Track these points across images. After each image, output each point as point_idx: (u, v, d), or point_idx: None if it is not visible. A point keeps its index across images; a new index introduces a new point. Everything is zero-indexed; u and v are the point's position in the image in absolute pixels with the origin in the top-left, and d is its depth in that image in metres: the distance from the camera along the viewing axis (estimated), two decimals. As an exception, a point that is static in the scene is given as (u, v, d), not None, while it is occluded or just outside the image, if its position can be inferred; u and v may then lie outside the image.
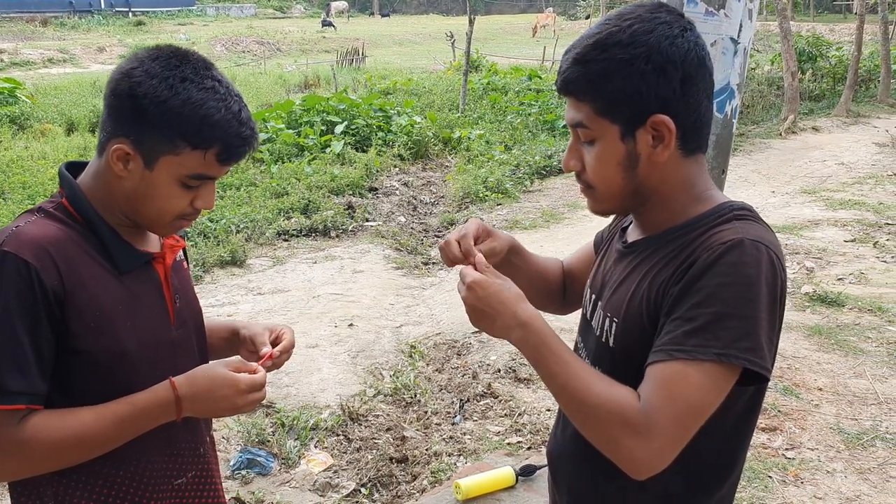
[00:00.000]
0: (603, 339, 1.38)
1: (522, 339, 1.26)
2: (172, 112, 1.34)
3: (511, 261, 1.60)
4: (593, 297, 1.48)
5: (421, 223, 8.07)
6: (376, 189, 9.08)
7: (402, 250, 7.08)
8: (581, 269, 1.70)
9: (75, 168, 1.50)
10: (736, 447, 1.37)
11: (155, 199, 1.41)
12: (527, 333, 1.26)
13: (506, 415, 4.05)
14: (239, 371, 1.43)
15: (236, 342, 1.66)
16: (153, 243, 1.54)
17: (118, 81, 1.38)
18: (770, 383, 4.24)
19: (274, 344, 1.61)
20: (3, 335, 1.29)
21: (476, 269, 1.34)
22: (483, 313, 1.29)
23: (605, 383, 1.21)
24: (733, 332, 1.16)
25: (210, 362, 1.47)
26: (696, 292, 1.20)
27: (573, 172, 1.38)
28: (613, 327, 1.35)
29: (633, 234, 1.44)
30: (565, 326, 4.01)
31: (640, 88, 1.24)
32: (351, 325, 5.28)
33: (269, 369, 1.58)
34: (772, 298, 1.20)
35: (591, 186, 1.35)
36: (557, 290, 1.70)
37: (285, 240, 7.21)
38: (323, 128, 10.73)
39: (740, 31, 2.12)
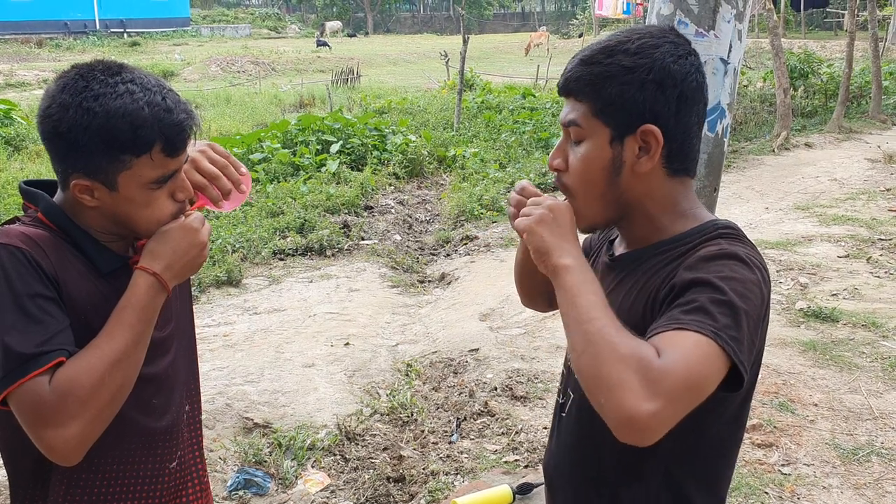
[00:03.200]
0: None
1: (573, 266, 1.25)
2: (101, 132, 1.33)
3: None
4: None
5: (416, 241, 8.08)
6: (372, 207, 9.10)
7: (397, 268, 7.09)
8: None
9: (35, 186, 1.51)
10: (723, 464, 1.40)
11: (140, 212, 1.43)
12: (581, 265, 1.26)
13: (503, 433, 4.05)
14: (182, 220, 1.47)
15: None
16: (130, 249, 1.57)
17: (41, 125, 1.38)
18: (766, 399, 4.25)
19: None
20: (15, 312, 1.29)
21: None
22: (555, 227, 1.29)
23: (630, 337, 1.17)
24: (726, 319, 1.16)
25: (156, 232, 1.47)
26: (692, 284, 1.21)
27: (555, 177, 1.40)
28: None
29: (618, 248, 1.47)
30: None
31: (637, 97, 1.29)
32: (347, 343, 5.28)
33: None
34: (759, 305, 1.22)
35: (570, 193, 1.38)
36: None
37: (281, 259, 7.21)
38: (318, 147, 10.76)
39: (730, 51, 2.15)
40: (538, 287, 1.67)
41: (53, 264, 1.36)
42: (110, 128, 1.33)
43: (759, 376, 4.45)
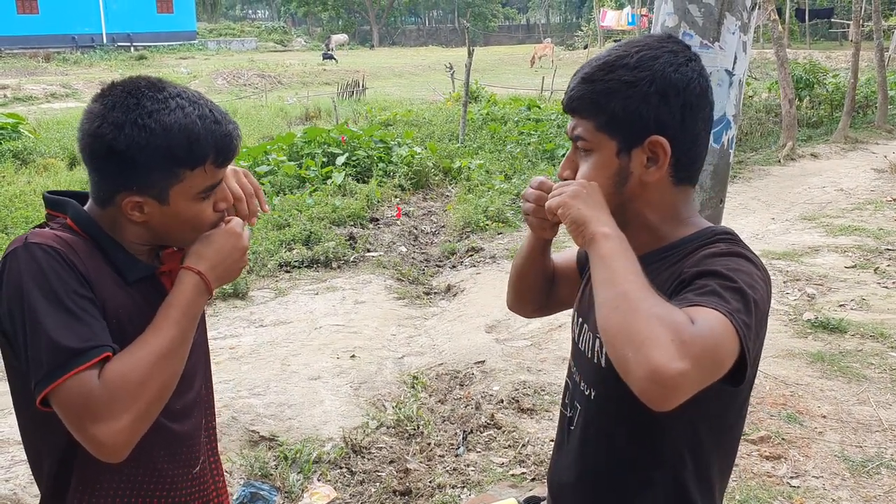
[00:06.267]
0: (595, 361, 1.41)
1: (611, 235, 1.24)
2: (158, 149, 1.35)
3: (547, 247, 1.64)
4: (580, 320, 1.51)
5: (422, 253, 8.08)
6: (377, 219, 9.11)
7: (403, 280, 7.09)
8: (562, 271, 1.71)
9: (57, 196, 1.51)
10: (721, 469, 1.42)
11: (186, 224, 1.46)
12: (619, 233, 1.25)
13: (509, 446, 4.04)
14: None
15: None
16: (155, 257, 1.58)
17: (92, 146, 1.38)
18: (773, 411, 4.21)
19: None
20: (54, 308, 1.29)
21: None
22: (590, 200, 1.29)
23: (664, 300, 1.17)
24: (737, 303, 1.17)
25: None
26: (701, 275, 1.22)
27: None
28: (605, 348, 1.37)
29: None
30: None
31: (641, 110, 1.30)
32: (353, 356, 5.27)
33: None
34: (766, 300, 1.23)
35: None
36: (548, 289, 1.72)
37: (287, 271, 7.22)
38: (324, 159, 10.78)
39: (735, 62, 2.15)
40: (532, 287, 1.69)
41: (87, 267, 1.37)
42: (168, 144, 1.35)
43: (767, 388, 4.40)
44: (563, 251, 1.78)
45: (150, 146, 1.34)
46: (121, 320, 1.41)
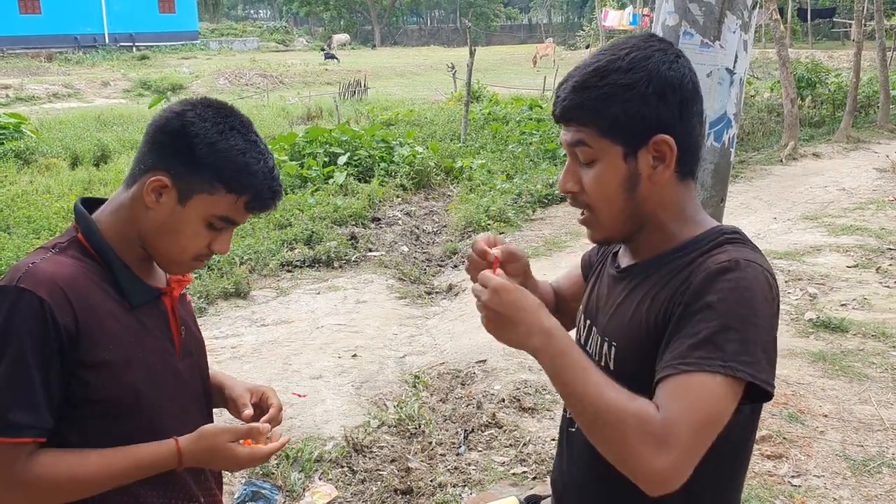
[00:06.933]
0: (602, 364, 1.40)
1: (545, 346, 1.23)
2: (218, 154, 1.43)
3: (525, 284, 1.60)
4: (588, 322, 1.50)
5: (424, 252, 8.09)
6: (379, 219, 9.12)
7: (405, 280, 7.09)
8: (570, 291, 1.71)
9: (89, 203, 1.55)
10: (735, 473, 1.40)
11: (180, 235, 1.47)
12: (550, 341, 1.23)
13: (510, 445, 4.04)
14: (248, 434, 1.51)
15: (222, 397, 1.75)
16: (161, 278, 1.60)
17: (169, 120, 1.46)
18: (775, 410, 4.21)
19: (256, 406, 1.70)
20: (15, 371, 1.33)
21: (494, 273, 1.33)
22: (505, 319, 1.25)
23: (625, 395, 1.18)
24: (735, 344, 1.17)
25: (219, 427, 1.50)
26: (699, 310, 1.22)
27: (570, 197, 1.39)
28: (613, 351, 1.38)
29: (624, 259, 1.46)
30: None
31: (643, 111, 1.29)
32: (354, 355, 5.28)
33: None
34: (770, 314, 1.23)
35: (590, 209, 1.37)
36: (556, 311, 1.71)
37: (289, 271, 7.23)
38: (326, 159, 10.79)
39: (736, 61, 2.15)
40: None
41: (76, 311, 1.37)
42: (228, 157, 1.44)
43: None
44: (567, 272, 1.77)
45: (213, 148, 1.43)
46: (116, 352, 1.42)
